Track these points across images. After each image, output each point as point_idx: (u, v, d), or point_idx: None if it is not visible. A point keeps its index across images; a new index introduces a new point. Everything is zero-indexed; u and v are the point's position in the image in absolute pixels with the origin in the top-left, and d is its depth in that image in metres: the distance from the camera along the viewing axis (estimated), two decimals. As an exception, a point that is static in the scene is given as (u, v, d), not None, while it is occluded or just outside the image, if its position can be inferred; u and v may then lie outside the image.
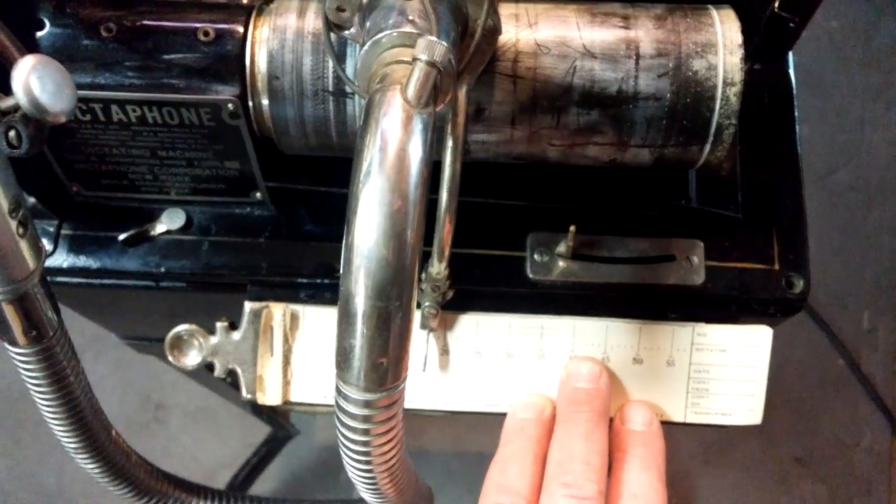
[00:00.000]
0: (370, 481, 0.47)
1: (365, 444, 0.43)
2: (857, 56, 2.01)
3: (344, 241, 0.39)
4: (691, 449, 1.68)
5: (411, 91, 0.38)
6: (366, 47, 0.43)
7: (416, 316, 0.57)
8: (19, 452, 1.64)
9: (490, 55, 0.48)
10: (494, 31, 0.47)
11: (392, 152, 0.38)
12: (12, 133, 0.37)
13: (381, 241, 0.37)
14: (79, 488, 1.61)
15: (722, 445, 1.69)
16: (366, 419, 0.41)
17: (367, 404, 0.41)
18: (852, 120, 1.94)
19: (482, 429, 1.66)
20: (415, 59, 0.39)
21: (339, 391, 0.41)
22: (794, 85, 0.63)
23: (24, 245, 0.46)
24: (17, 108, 0.37)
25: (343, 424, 0.43)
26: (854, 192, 1.89)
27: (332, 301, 0.60)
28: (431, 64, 0.39)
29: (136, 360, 1.68)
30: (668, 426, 0.59)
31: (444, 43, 0.39)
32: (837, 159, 1.91)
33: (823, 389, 1.74)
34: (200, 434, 1.66)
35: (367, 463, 0.44)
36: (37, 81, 0.37)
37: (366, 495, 0.49)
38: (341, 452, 0.45)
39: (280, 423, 1.47)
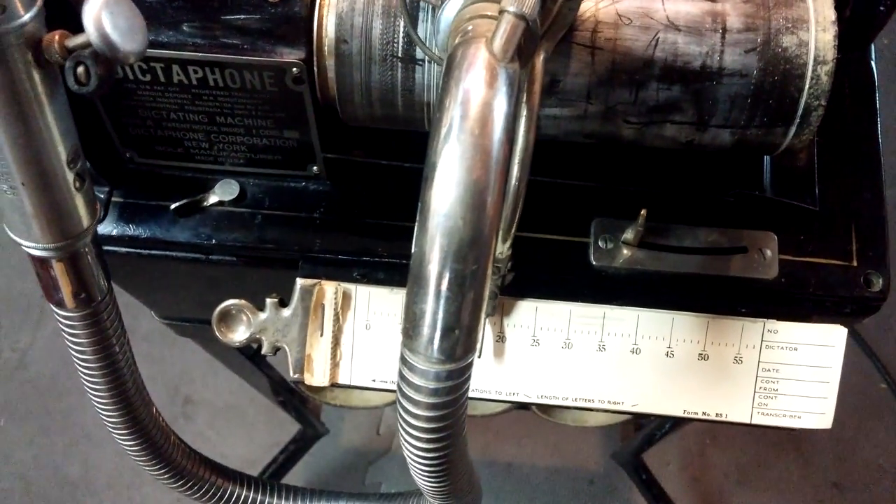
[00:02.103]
0: (428, 464, 0.44)
1: (429, 419, 0.40)
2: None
3: (420, 200, 0.36)
4: (726, 467, 1.64)
5: (498, 43, 0.36)
6: (445, 4, 0.42)
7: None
8: (46, 442, 1.63)
9: (571, 22, 0.46)
10: (578, -5, 0.45)
11: (475, 108, 0.35)
12: (81, 69, 0.36)
13: (462, 201, 0.35)
14: (103, 480, 1.60)
15: (757, 465, 1.65)
16: (432, 393, 0.39)
17: (436, 377, 0.38)
18: (900, 140, 1.90)
19: (512, 438, 1.63)
20: (502, 12, 0.37)
21: (404, 361, 0.39)
22: (876, 76, 0.60)
23: (79, 200, 0.44)
24: (87, 45, 0.36)
25: (406, 398, 0.40)
26: (899, 212, 1.85)
27: (385, 281, 0.58)
28: (520, 16, 0.36)
29: (166, 354, 1.67)
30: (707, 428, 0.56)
31: (534, -5, 0.37)
32: (887, 177, 1.86)
33: (864, 413, 1.68)
34: (228, 430, 1.64)
35: (429, 442, 0.42)
36: (108, 17, 0.35)
37: (420, 480, 0.47)
38: (400, 429, 0.43)
39: (310, 420, 1.44)
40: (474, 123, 0.35)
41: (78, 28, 0.37)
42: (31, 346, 1.71)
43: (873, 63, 0.61)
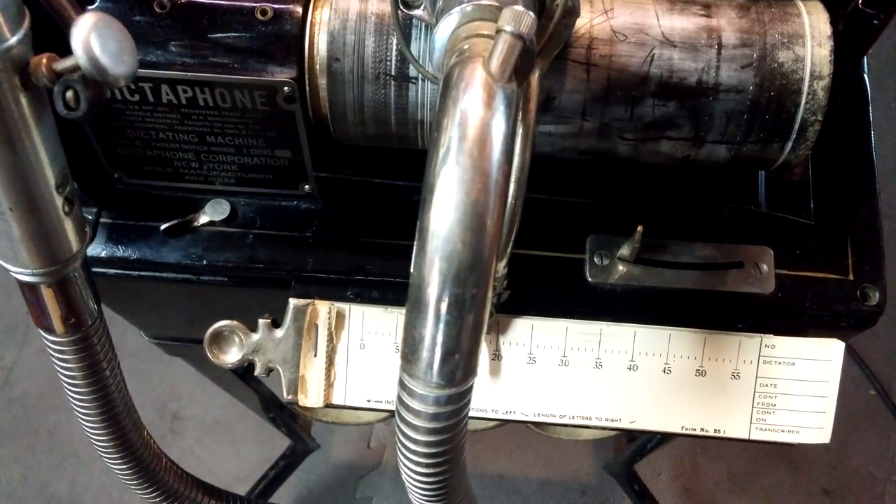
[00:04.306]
0: (427, 488, 0.43)
1: (428, 444, 0.40)
2: (894, 87, 1.99)
3: (418, 223, 0.36)
4: (717, 477, 1.64)
5: (495, 63, 0.36)
6: (440, 23, 0.41)
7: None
8: (32, 460, 1.61)
9: (566, 39, 0.46)
10: (573, 12, 0.44)
11: (474, 129, 0.35)
12: (70, 94, 0.35)
13: (461, 224, 0.34)
14: (91, 498, 1.58)
15: (748, 474, 1.65)
16: (432, 418, 0.38)
17: (435, 402, 0.38)
18: (885, 149, 1.91)
19: (503, 450, 1.62)
20: (499, 31, 0.36)
21: (403, 386, 0.38)
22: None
23: (68, 224, 0.44)
24: (75, 68, 0.35)
25: (405, 422, 0.39)
26: (888, 220, 1.85)
27: (379, 300, 0.58)
28: (517, 36, 0.36)
29: (154, 370, 1.65)
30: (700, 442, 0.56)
31: (531, 14, 0.36)
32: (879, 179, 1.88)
33: (854, 420, 1.69)
34: (217, 447, 1.63)
35: (428, 466, 0.41)
36: (97, 41, 0.34)
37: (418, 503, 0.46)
38: (399, 454, 0.42)
39: (300, 436, 1.43)
40: (473, 145, 0.35)
41: (66, 50, 0.36)
42: (17, 364, 1.69)
43: (866, 76, 0.60)
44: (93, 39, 0.34)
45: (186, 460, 1.61)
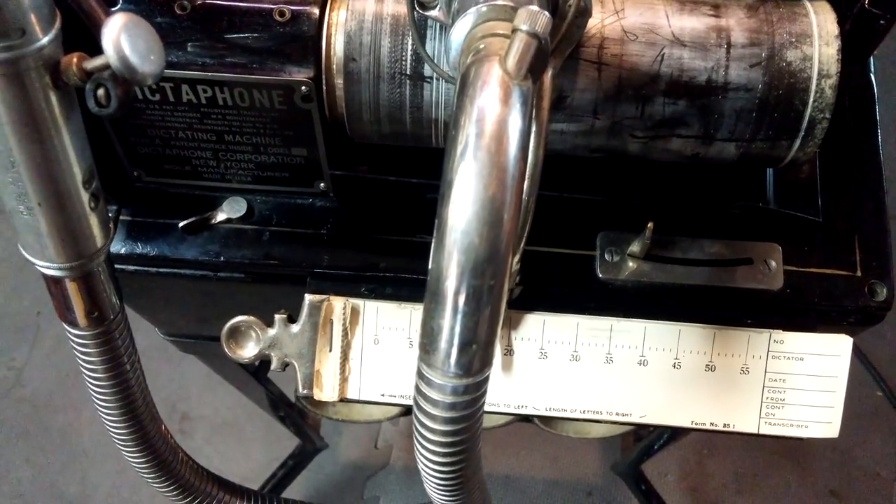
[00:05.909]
0: (444, 477, 0.44)
1: (445, 434, 0.41)
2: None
3: (437, 217, 0.37)
4: (724, 477, 1.64)
5: (511, 61, 0.37)
6: (456, 23, 0.42)
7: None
8: (43, 460, 1.62)
9: (578, 39, 0.47)
10: (585, 12, 0.45)
11: (491, 125, 0.36)
12: (101, 91, 0.36)
13: (479, 217, 0.35)
14: (101, 497, 1.59)
15: (755, 475, 1.65)
16: (450, 407, 0.39)
17: (453, 391, 0.39)
18: (892, 147, 1.91)
19: (509, 450, 1.62)
20: (515, 30, 0.37)
21: (421, 376, 0.39)
22: (875, 88, 0.61)
23: (94, 220, 0.45)
24: (105, 66, 0.36)
25: (423, 412, 0.40)
26: (891, 221, 1.86)
27: (392, 296, 0.59)
28: (533, 35, 0.37)
29: (163, 370, 1.67)
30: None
31: (546, 13, 0.37)
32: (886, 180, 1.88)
33: (861, 421, 1.69)
34: (225, 447, 1.64)
35: (445, 455, 0.42)
36: (127, 40, 0.36)
37: (435, 494, 0.47)
38: (415, 443, 0.43)
39: (308, 435, 1.44)
40: (490, 141, 0.36)
41: (92, 50, 0.37)
42: (27, 364, 1.71)
43: (872, 76, 0.61)
44: (123, 39, 0.36)
45: (196, 460, 1.62)
